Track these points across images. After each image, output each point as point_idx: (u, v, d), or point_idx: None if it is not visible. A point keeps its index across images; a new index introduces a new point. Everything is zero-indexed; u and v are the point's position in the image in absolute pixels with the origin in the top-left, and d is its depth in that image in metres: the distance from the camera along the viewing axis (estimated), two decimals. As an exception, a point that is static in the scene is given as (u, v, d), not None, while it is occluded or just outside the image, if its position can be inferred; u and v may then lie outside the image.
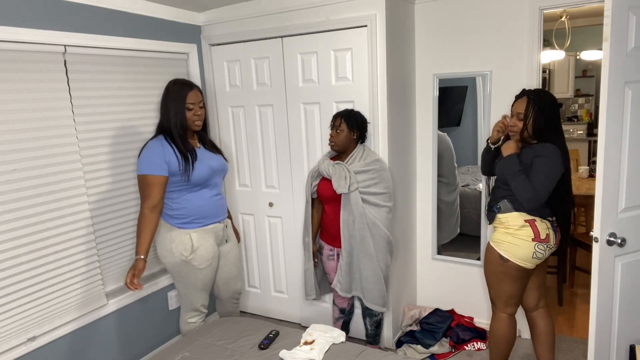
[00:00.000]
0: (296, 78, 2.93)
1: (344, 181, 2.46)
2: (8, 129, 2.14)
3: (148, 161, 2.25)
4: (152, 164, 2.25)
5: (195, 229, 2.39)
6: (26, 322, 2.26)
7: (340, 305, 2.82)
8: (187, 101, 2.31)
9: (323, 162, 2.58)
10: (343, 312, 2.84)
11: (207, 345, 2.11)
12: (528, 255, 2.16)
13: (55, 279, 2.37)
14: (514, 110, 2.19)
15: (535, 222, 2.17)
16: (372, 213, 2.52)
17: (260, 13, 2.94)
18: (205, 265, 2.42)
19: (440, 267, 3.22)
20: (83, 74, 2.46)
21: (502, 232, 2.22)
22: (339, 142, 2.54)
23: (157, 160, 2.25)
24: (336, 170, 2.51)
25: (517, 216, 2.18)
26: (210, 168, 2.41)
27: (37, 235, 2.27)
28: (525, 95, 2.16)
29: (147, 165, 2.25)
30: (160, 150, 2.27)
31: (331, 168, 2.53)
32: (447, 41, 2.93)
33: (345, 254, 2.57)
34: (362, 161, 2.55)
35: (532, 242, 2.15)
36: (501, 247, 2.21)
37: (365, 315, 2.77)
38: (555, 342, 2.91)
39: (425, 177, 3.17)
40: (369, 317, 2.76)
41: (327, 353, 1.99)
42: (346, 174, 2.48)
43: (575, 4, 2.55)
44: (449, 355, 2.86)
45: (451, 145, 3.09)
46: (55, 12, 2.30)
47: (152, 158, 2.25)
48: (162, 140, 2.31)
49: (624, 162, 1.88)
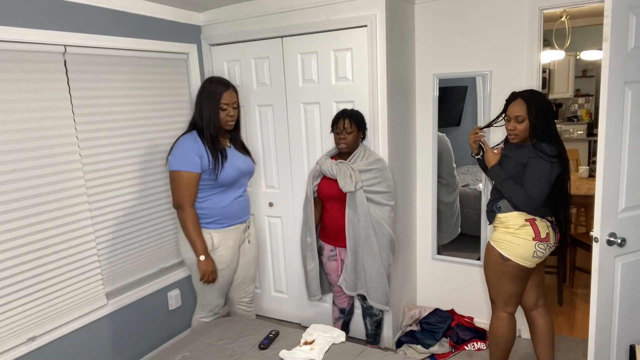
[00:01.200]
0: (296, 78, 2.93)
1: (349, 180, 2.46)
2: (8, 129, 2.14)
3: (182, 157, 2.23)
4: (187, 160, 2.22)
5: (217, 229, 2.37)
6: (26, 322, 2.26)
7: (340, 305, 2.82)
8: (222, 101, 2.28)
9: (325, 162, 2.58)
10: (343, 312, 2.84)
11: (207, 345, 2.11)
12: (528, 254, 2.16)
13: (55, 279, 2.37)
14: (510, 114, 2.18)
15: (535, 221, 2.17)
16: (375, 212, 2.52)
17: (260, 13, 2.94)
18: (223, 266, 2.40)
19: (440, 267, 3.22)
20: (83, 74, 2.46)
21: (503, 231, 2.22)
22: (350, 143, 2.54)
23: (192, 156, 2.23)
24: (340, 169, 2.50)
25: (517, 215, 2.18)
26: (238, 170, 2.38)
27: (37, 235, 2.27)
28: (519, 97, 2.16)
29: (182, 162, 2.23)
30: (195, 147, 2.25)
31: (335, 167, 2.52)
32: (447, 41, 2.93)
33: (350, 252, 2.57)
34: (365, 160, 2.55)
35: (532, 241, 2.15)
36: (501, 246, 2.21)
37: (366, 315, 2.76)
38: (555, 342, 2.91)
39: (426, 177, 3.17)
40: (369, 317, 2.76)
41: (327, 353, 1.99)
42: (351, 173, 2.48)
43: (575, 4, 2.55)
44: (449, 355, 2.86)
45: (450, 146, 3.09)
46: (55, 12, 2.30)
47: (186, 153, 2.23)
48: (195, 136, 2.29)
49: (624, 162, 1.88)
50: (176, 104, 3.05)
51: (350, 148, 2.56)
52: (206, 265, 2.29)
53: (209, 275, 2.31)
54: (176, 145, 2.28)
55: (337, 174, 2.50)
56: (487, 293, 3.07)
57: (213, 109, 2.28)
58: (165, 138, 2.96)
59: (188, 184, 2.24)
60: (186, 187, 2.24)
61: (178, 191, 2.25)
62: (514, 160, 2.21)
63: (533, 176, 2.09)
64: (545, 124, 2.12)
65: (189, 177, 2.23)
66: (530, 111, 2.11)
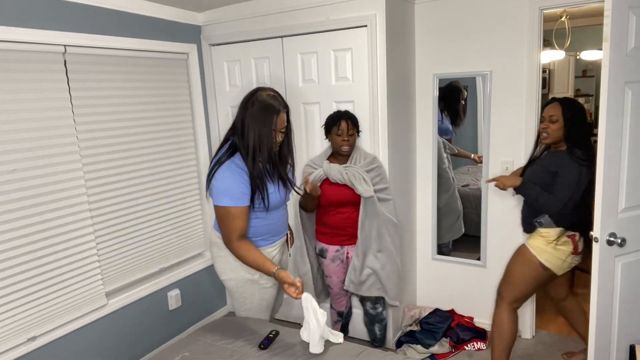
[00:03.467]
0: (296, 78, 2.93)
1: (365, 184, 2.44)
2: (8, 129, 2.14)
3: (230, 192, 1.97)
4: (233, 195, 1.97)
5: (263, 247, 2.16)
6: (26, 322, 2.26)
7: (339, 309, 2.81)
8: (275, 127, 1.97)
9: (331, 168, 2.48)
10: (341, 315, 2.83)
11: (207, 345, 2.11)
12: (565, 266, 2.30)
13: (55, 279, 2.37)
14: (545, 114, 2.30)
15: (575, 237, 2.27)
16: (384, 209, 2.53)
17: (260, 13, 2.94)
18: (271, 283, 2.21)
19: (440, 267, 3.22)
20: (83, 74, 2.46)
21: (544, 242, 2.30)
22: (352, 144, 2.53)
23: (238, 190, 1.97)
24: (353, 174, 2.46)
25: (560, 232, 2.26)
26: (285, 192, 2.18)
27: (37, 235, 2.27)
28: (557, 101, 2.29)
29: (230, 198, 1.97)
30: (239, 181, 1.98)
31: (344, 173, 2.46)
32: (447, 41, 2.93)
33: (360, 253, 2.54)
34: (364, 161, 2.55)
35: (570, 255, 2.27)
36: (543, 256, 2.28)
37: (375, 321, 2.73)
38: (556, 342, 2.92)
39: (425, 177, 3.16)
40: (379, 323, 2.74)
41: (327, 353, 1.98)
42: (364, 176, 2.46)
43: (575, 4, 2.55)
44: (449, 355, 2.86)
45: (441, 147, 3.08)
46: (55, 12, 2.30)
47: (232, 189, 1.97)
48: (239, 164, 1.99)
49: (624, 162, 1.88)
50: (176, 104, 3.05)
51: (352, 150, 2.55)
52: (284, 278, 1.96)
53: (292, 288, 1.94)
54: (220, 177, 1.99)
55: (352, 180, 2.44)
56: (486, 293, 3.07)
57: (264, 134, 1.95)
58: (165, 138, 2.96)
59: (237, 218, 1.99)
60: (236, 222, 2.00)
61: (227, 225, 2.01)
62: (540, 167, 2.29)
63: (566, 182, 2.17)
64: (579, 128, 2.22)
65: (238, 212, 1.99)
66: (564, 113, 2.22)
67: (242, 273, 2.16)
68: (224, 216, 2.00)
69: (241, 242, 2.03)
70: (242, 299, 2.23)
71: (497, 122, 2.85)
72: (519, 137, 2.80)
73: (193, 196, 3.22)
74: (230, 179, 1.97)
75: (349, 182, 2.46)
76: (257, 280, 2.17)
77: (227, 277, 2.19)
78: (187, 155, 3.15)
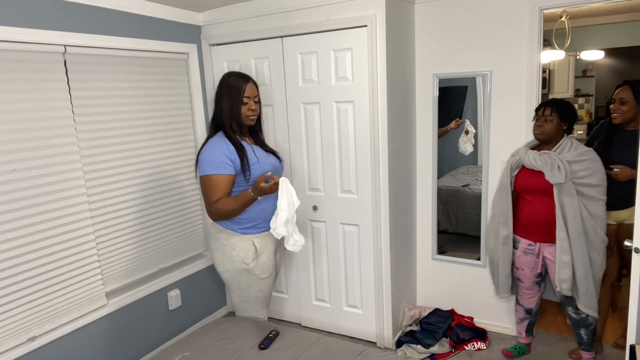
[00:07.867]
0: (296, 78, 2.93)
1: (557, 171, 2.32)
2: (8, 129, 2.14)
3: (212, 161, 2.10)
4: (217, 163, 2.10)
5: (257, 234, 2.24)
6: (26, 322, 2.26)
7: (528, 306, 2.68)
8: (243, 94, 2.17)
9: (526, 153, 2.44)
10: (529, 313, 2.70)
11: (207, 345, 2.11)
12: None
13: (55, 279, 2.37)
14: (616, 97, 2.50)
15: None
16: (587, 207, 2.36)
17: (260, 13, 2.94)
18: (267, 274, 2.27)
19: (440, 267, 3.22)
20: (83, 74, 2.46)
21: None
22: (547, 131, 2.41)
23: (221, 159, 2.10)
24: (546, 160, 2.36)
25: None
26: (272, 166, 2.27)
27: (37, 235, 2.27)
28: (627, 83, 2.47)
29: (211, 166, 2.10)
30: (225, 149, 2.12)
31: (539, 158, 2.38)
32: (447, 41, 2.93)
33: (561, 250, 2.38)
34: (574, 151, 2.39)
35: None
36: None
37: (580, 325, 2.52)
38: (556, 343, 2.92)
39: (425, 177, 3.16)
40: (585, 328, 2.51)
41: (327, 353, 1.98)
42: (559, 163, 2.33)
43: (575, 4, 2.55)
44: (449, 355, 2.86)
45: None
46: (55, 12, 2.30)
47: (216, 157, 2.10)
48: (223, 137, 2.17)
49: None
50: (176, 104, 3.05)
51: (547, 137, 2.42)
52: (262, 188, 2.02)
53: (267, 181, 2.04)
54: (205, 149, 2.14)
55: (542, 166, 2.35)
56: (486, 293, 3.07)
57: (234, 104, 2.17)
58: (165, 138, 2.96)
59: (218, 185, 2.08)
60: (217, 189, 2.08)
61: (208, 195, 2.10)
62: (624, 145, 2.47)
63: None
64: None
65: (221, 179, 2.09)
66: (636, 94, 2.39)
67: (237, 263, 2.22)
68: (206, 184, 2.11)
69: (219, 200, 2.11)
70: (239, 290, 2.29)
71: (497, 122, 2.85)
72: (519, 137, 2.80)
73: (193, 196, 3.22)
74: (212, 150, 2.12)
75: (540, 167, 2.37)
76: (252, 270, 2.24)
77: (224, 269, 2.26)
78: (186, 155, 3.15)
